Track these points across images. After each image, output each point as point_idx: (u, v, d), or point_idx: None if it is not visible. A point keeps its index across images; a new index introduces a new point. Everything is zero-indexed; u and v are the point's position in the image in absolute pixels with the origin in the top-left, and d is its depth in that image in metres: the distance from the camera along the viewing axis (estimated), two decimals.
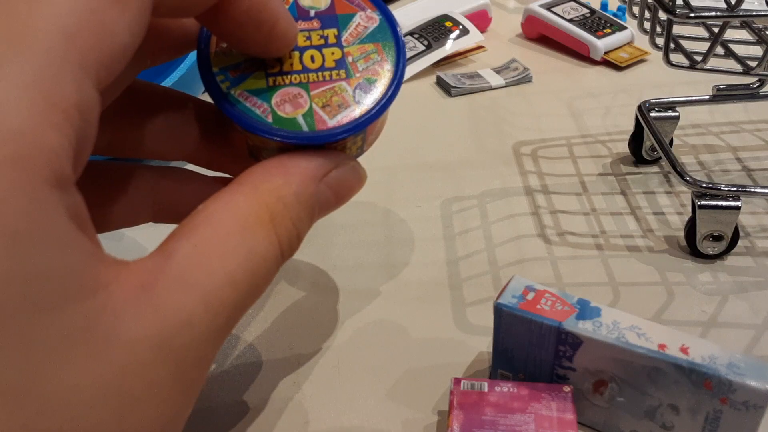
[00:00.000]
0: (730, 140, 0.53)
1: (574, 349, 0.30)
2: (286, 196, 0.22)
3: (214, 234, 0.20)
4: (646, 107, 0.48)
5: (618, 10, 0.70)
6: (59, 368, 0.16)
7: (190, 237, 0.20)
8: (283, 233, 0.21)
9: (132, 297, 0.18)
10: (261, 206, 0.21)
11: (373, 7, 0.25)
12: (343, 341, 0.38)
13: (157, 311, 0.18)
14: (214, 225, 0.20)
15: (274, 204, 0.21)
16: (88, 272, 0.17)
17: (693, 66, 0.40)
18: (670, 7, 0.38)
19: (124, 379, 0.17)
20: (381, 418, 0.33)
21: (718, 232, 0.41)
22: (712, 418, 0.29)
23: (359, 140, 0.25)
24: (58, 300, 0.16)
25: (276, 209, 0.21)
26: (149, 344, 0.18)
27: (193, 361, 0.19)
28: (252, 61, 0.24)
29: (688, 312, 0.39)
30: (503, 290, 0.32)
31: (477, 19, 0.69)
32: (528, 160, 0.52)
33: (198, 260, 0.19)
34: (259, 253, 0.20)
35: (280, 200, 0.21)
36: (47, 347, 0.16)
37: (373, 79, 0.24)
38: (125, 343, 0.17)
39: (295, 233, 0.22)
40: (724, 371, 0.28)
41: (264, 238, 0.21)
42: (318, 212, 0.23)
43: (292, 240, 0.22)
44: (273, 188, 0.22)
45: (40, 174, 0.16)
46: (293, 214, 0.22)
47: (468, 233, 0.45)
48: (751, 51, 0.43)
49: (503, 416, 0.29)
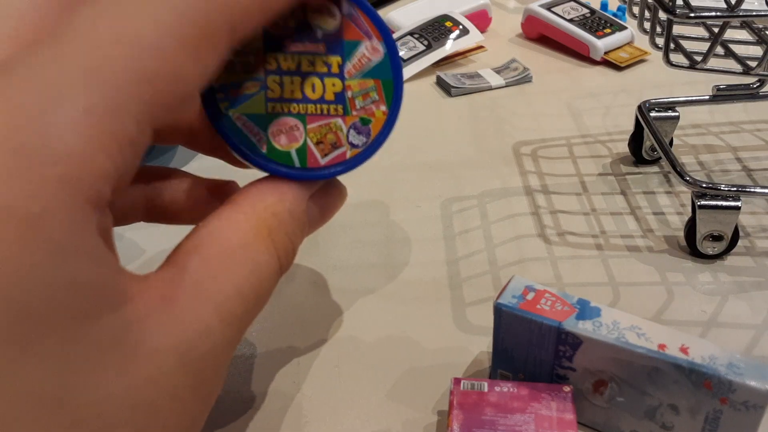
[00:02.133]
0: (730, 140, 0.53)
1: (573, 349, 0.30)
2: (281, 212, 0.23)
3: (220, 249, 0.21)
4: (646, 107, 0.48)
5: (618, 10, 0.70)
6: (93, 379, 0.17)
7: (199, 251, 0.21)
8: (280, 247, 0.23)
9: (155, 309, 0.18)
10: (259, 222, 0.23)
11: (379, 37, 0.24)
12: (343, 341, 0.38)
13: (178, 322, 0.19)
14: (219, 240, 0.22)
15: (271, 220, 0.23)
16: (116, 285, 0.18)
17: (693, 66, 0.40)
18: (670, 7, 0.38)
19: (149, 390, 0.18)
20: (381, 418, 0.33)
21: (718, 232, 0.41)
22: (711, 418, 0.29)
23: None
24: (93, 311, 0.17)
25: (272, 225, 0.23)
26: (173, 354, 0.18)
27: (210, 371, 0.20)
28: (254, 80, 0.24)
29: (687, 312, 0.39)
30: (503, 290, 0.32)
31: (477, 19, 0.69)
32: (528, 160, 0.52)
33: (208, 274, 0.20)
34: (261, 266, 0.22)
35: (275, 217, 0.23)
36: (82, 358, 0.17)
37: (368, 119, 0.25)
38: (151, 353, 0.18)
39: (290, 247, 0.24)
40: (723, 371, 0.28)
41: (264, 251, 0.22)
42: (308, 227, 0.25)
43: (288, 253, 0.24)
44: (268, 206, 0.23)
45: (84, 194, 0.17)
46: (288, 229, 0.23)
47: (468, 233, 0.45)
48: (751, 51, 0.43)
49: (503, 416, 0.29)
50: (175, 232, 0.24)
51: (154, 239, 0.43)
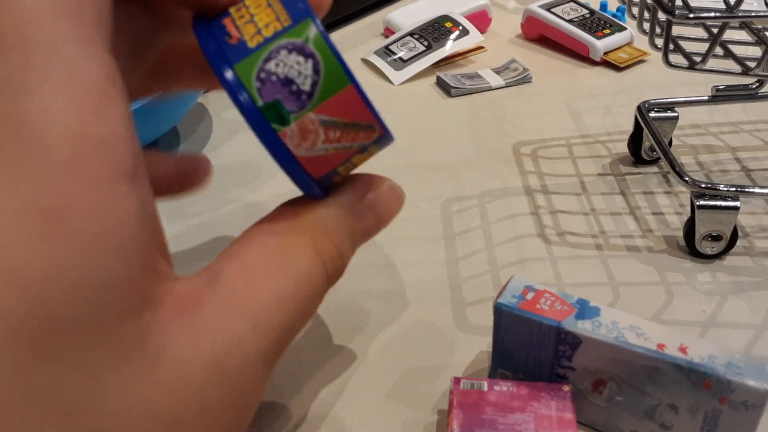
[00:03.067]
0: (729, 140, 0.54)
1: (573, 349, 0.31)
2: (326, 221, 0.22)
3: (259, 255, 0.20)
4: (645, 107, 0.48)
5: (617, 11, 0.70)
6: (112, 387, 0.16)
7: (235, 259, 0.20)
8: (326, 254, 0.21)
9: (179, 317, 0.17)
10: (302, 230, 0.21)
11: None
12: (343, 341, 0.38)
13: (206, 331, 0.18)
14: (258, 247, 0.20)
15: (314, 227, 0.21)
16: (142, 285, 0.16)
17: (692, 66, 0.41)
18: (669, 8, 0.38)
19: (173, 401, 0.17)
20: (381, 418, 0.33)
21: (717, 232, 0.41)
22: (711, 418, 0.29)
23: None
24: (115, 314, 0.16)
25: (316, 233, 0.21)
26: (201, 365, 0.17)
27: (245, 385, 0.18)
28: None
29: (687, 312, 0.39)
30: (503, 290, 0.32)
31: (477, 19, 0.69)
32: (528, 161, 0.52)
33: (244, 281, 0.19)
34: (303, 272, 0.20)
35: (319, 224, 0.21)
36: (102, 364, 0.16)
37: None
38: (176, 363, 0.17)
39: (337, 255, 0.22)
40: (722, 371, 0.28)
41: (308, 258, 0.21)
42: (360, 235, 0.23)
43: (335, 261, 0.22)
44: (311, 212, 0.22)
45: (102, 172, 0.15)
46: (334, 237, 0.22)
47: (468, 233, 0.45)
48: (750, 51, 0.43)
49: (503, 415, 0.29)
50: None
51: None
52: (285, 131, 0.19)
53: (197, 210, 0.48)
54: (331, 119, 0.20)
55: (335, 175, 0.22)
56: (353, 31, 0.73)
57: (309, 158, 0.20)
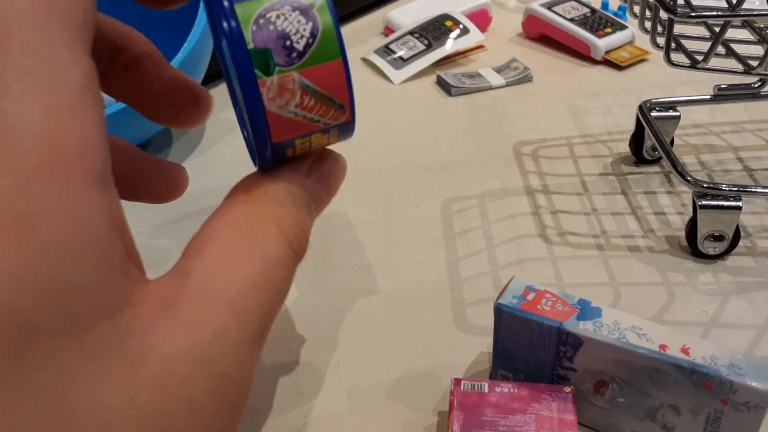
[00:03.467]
0: (731, 140, 0.53)
1: (574, 350, 0.30)
2: (279, 195, 0.22)
3: (225, 245, 0.20)
4: (647, 107, 0.48)
5: (619, 10, 0.70)
6: (94, 389, 0.16)
7: (202, 253, 0.20)
8: (289, 230, 0.22)
9: (158, 315, 0.17)
10: (260, 211, 0.21)
11: None
12: (343, 341, 0.38)
13: (189, 325, 0.18)
14: (223, 238, 0.20)
15: (271, 206, 0.22)
16: (117, 288, 0.16)
17: (694, 65, 0.40)
18: (671, 7, 0.37)
19: (160, 399, 0.17)
20: (381, 419, 0.33)
21: (719, 232, 0.41)
22: (713, 419, 0.29)
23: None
24: (89, 318, 0.16)
25: (274, 210, 0.22)
26: (186, 359, 0.17)
27: (233, 374, 0.18)
28: None
29: (689, 312, 0.39)
30: (503, 290, 0.32)
31: (477, 18, 0.69)
32: (528, 160, 0.52)
33: (215, 272, 0.19)
34: (271, 253, 0.21)
35: (274, 201, 0.22)
36: (79, 367, 0.15)
37: None
38: (160, 360, 0.17)
39: (300, 229, 0.22)
40: (725, 372, 0.28)
41: (272, 238, 0.21)
42: (315, 208, 0.24)
43: (299, 236, 0.22)
44: (264, 192, 0.22)
45: (72, 175, 0.15)
46: (292, 211, 0.22)
47: (468, 233, 0.45)
48: (752, 50, 0.43)
49: (504, 417, 0.29)
50: None
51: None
52: (265, 81, 0.20)
53: (191, 211, 0.48)
54: (311, 85, 0.20)
55: (289, 147, 0.22)
56: (353, 29, 0.73)
57: (277, 117, 0.20)
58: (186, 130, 0.57)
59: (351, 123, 0.22)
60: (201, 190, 0.50)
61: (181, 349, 0.17)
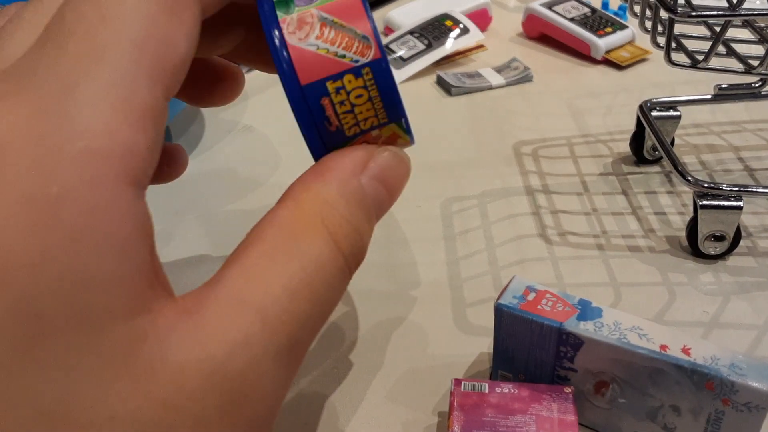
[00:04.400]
0: (731, 140, 0.53)
1: (575, 350, 0.30)
2: (330, 197, 0.20)
3: (264, 250, 0.18)
4: (647, 107, 0.48)
5: (619, 9, 0.70)
6: (98, 395, 0.15)
7: (238, 260, 0.18)
8: (339, 233, 0.19)
9: (178, 321, 0.16)
10: (307, 213, 0.19)
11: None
12: (343, 342, 0.37)
13: (208, 334, 0.16)
14: (261, 243, 0.19)
15: (320, 207, 0.20)
16: (136, 291, 0.16)
17: (694, 65, 0.40)
18: (671, 6, 0.37)
19: (167, 413, 0.15)
20: (381, 420, 0.33)
21: (720, 232, 0.41)
22: (713, 420, 0.29)
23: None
24: (104, 317, 0.15)
25: (324, 212, 0.20)
26: (197, 371, 0.16)
27: (251, 391, 0.17)
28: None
29: (689, 312, 0.39)
30: (504, 290, 0.32)
31: (477, 17, 0.69)
32: (529, 160, 0.52)
33: (249, 278, 0.18)
34: (314, 257, 0.19)
35: (325, 203, 0.20)
36: (88, 369, 0.15)
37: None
38: (172, 371, 0.16)
39: (352, 231, 0.20)
40: (725, 372, 0.28)
41: (318, 241, 0.19)
42: (373, 207, 0.21)
43: (352, 240, 0.20)
44: (314, 194, 0.20)
45: (112, 169, 0.15)
46: (345, 212, 0.20)
47: (468, 233, 0.45)
48: (752, 50, 0.43)
49: (504, 417, 0.29)
50: None
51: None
52: (285, 18, 0.20)
53: (189, 212, 0.48)
54: (329, 17, 0.20)
55: (324, 95, 0.20)
56: None
57: (299, 50, 0.20)
58: (187, 129, 0.57)
59: (382, 61, 0.21)
60: (201, 190, 0.50)
61: (194, 361, 0.16)
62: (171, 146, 0.27)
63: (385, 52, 0.21)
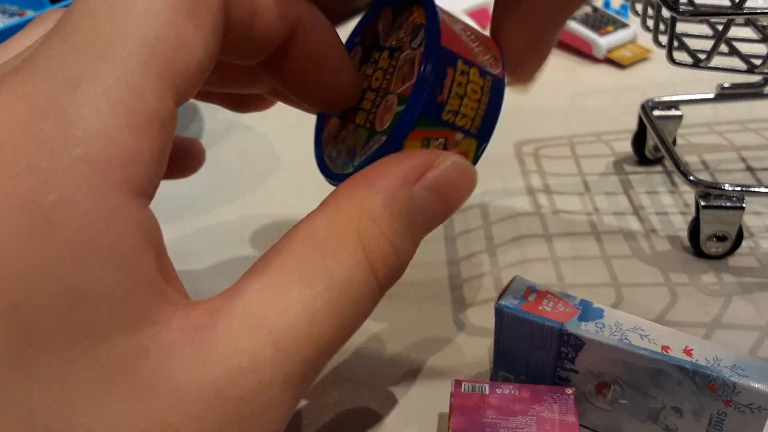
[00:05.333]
0: (734, 139, 0.53)
1: (576, 351, 0.30)
2: (374, 209, 0.18)
3: (290, 264, 0.17)
4: (649, 106, 0.48)
5: (621, 8, 0.70)
6: (95, 411, 0.14)
7: (262, 273, 0.17)
8: (375, 252, 0.18)
9: (184, 339, 0.15)
10: (344, 225, 0.18)
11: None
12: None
13: (212, 355, 0.15)
14: (289, 254, 0.17)
15: (360, 220, 0.18)
16: (138, 304, 0.15)
17: (697, 64, 0.40)
18: (673, 5, 0.37)
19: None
20: (381, 420, 0.33)
21: (722, 232, 0.41)
22: (716, 421, 0.29)
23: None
24: (102, 329, 0.14)
25: (363, 224, 0.18)
26: (199, 394, 0.15)
27: (254, 418, 0.16)
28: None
29: (691, 313, 0.38)
30: (504, 291, 0.32)
31: (479, 17, 0.68)
32: (530, 160, 0.52)
33: (269, 295, 0.16)
34: (342, 278, 0.17)
35: (366, 215, 0.18)
36: (84, 385, 0.14)
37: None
38: (172, 391, 0.15)
39: (390, 251, 0.18)
40: (728, 373, 0.28)
41: (349, 259, 0.17)
42: (422, 223, 0.20)
43: (387, 258, 0.18)
44: (357, 203, 0.18)
45: (112, 178, 0.15)
46: (385, 229, 0.18)
47: (469, 233, 0.45)
48: (755, 49, 0.43)
49: (504, 419, 0.29)
50: None
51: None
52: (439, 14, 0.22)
53: (189, 213, 0.48)
54: (472, 29, 0.23)
55: (450, 65, 0.20)
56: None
57: (446, 23, 0.21)
58: (186, 128, 0.57)
59: (503, 80, 0.22)
60: (201, 190, 0.50)
61: (196, 383, 0.15)
62: (187, 141, 0.27)
63: (506, 74, 0.23)
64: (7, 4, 0.57)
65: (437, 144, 0.20)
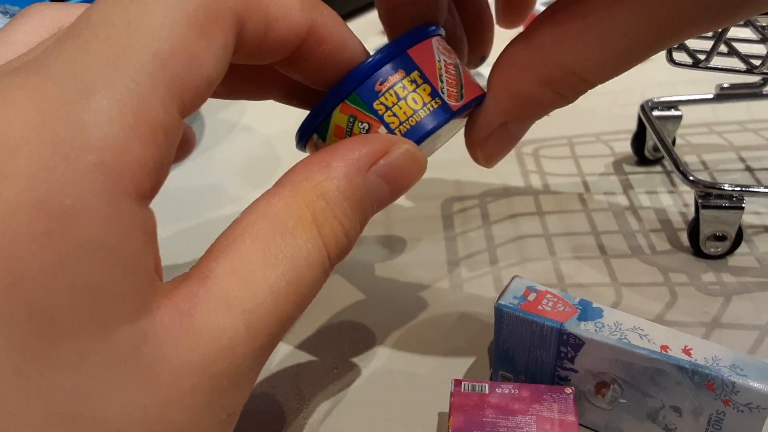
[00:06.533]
0: (733, 140, 0.53)
1: (575, 351, 0.30)
2: (329, 191, 0.20)
3: (252, 246, 0.19)
4: (648, 106, 0.48)
5: None
6: (110, 394, 0.16)
7: (227, 254, 0.19)
8: (328, 233, 0.20)
9: (173, 323, 0.17)
10: (301, 207, 0.19)
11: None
12: (342, 342, 0.37)
13: (197, 336, 0.17)
14: (252, 237, 0.19)
15: (315, 202, 0.20)
16: (140, 294, 0.17)
17: (696, 64, 0.40)
18: None
19: (168, 410, 0.17)
20: (380, 420, 0.33)
21: (722, 232, 0.41)
22: (714, 420, 0.29)
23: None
24: (112, 320, 0.16)
25: (318, 207, 0.20)
26: (190, 371, 0.17)
27: (232, 388, 0.18)
28: None
29: (690, 313, 0.38)
30: (504, 291, 0.32)
31: None
32: (529, 160, 0.52)
33: (237, 277, 0.18)
34: (302, 258, 0.19)
35: (321, 197, 0.20)
36: (99, 370, 0.16)
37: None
38: (169, 371, 0.17)
39: (341, 232, 0.20)
40: (727, 372, 0.28)
41: (306, 240, 0.19)
42: (372, 206, 0.21)
43: (339, 240, 0.20)
44: (313, 185, 0.20)
45: (122, 185, 0.16)
46: (338, 211, 0.20)
47: (469, 233, 0.45)
48: (754, 49, 0.43)
49: (504, 418, 0.29)
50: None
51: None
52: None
53: (188, 213, 0.48)
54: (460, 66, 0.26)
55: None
56: (352, 28, 0.73)
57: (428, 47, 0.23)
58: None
59: (452, 113, 0.23)
60: (201, 191, 0.50)
61: (186, 362, 0.17)
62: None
63: (459, 113, 0.24)
64: (8, 5, 0.58)
65: (361, 127, 0.22)
